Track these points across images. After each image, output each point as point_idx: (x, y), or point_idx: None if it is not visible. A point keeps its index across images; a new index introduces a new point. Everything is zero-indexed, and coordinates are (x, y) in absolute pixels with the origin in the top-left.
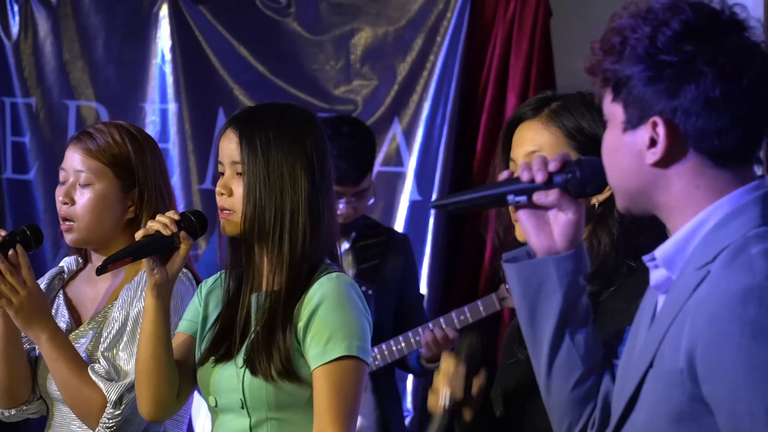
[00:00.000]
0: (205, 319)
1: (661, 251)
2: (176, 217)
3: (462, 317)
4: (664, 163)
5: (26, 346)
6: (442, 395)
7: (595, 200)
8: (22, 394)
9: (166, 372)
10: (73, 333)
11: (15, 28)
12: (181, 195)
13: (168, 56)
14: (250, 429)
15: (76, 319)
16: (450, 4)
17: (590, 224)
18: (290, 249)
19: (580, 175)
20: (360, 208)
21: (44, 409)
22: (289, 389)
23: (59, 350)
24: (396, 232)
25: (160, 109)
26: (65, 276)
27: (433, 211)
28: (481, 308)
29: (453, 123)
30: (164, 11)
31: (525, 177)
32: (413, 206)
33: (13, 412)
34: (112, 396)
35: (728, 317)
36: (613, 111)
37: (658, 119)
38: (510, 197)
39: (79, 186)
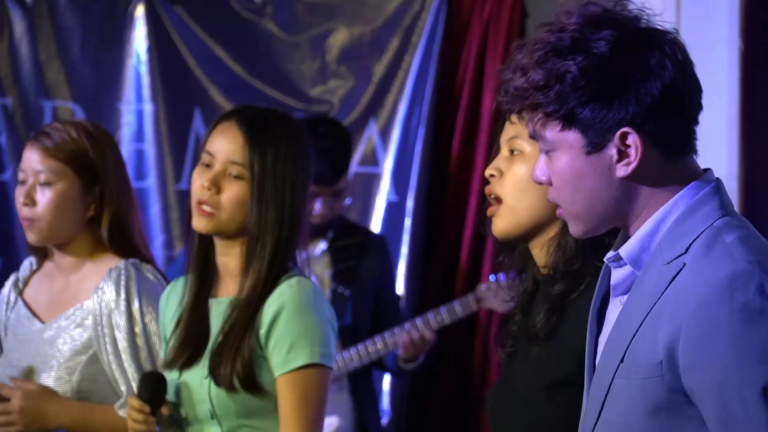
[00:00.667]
0: (164, 330)
1: (626, 250)
2: (147, 409)
3: (439, 318)
4: (633, 172)
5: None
6: None
7: None
8: None
9: None
10: (39, 330)
11: None
12: (157, 196)
13: (144, 57)
14: None
15: (38, 317)
16: (426, 5)
17: (557, 225)
18: (272, 257)
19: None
20: (336, 208)
21: None
22: (255, 399)
23: (86, 422)
24: (372, 233)
25: (136, 110)
26: (20, 284)
27: (409, 212)
28: (457, 309)
29: (429, 123)
30: (140, 11)
31: None
32: (390, 207)
33: None
34: None
35: (716, 305)
36: (565, 138)
37: (630, 131)
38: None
39: (39, 186)
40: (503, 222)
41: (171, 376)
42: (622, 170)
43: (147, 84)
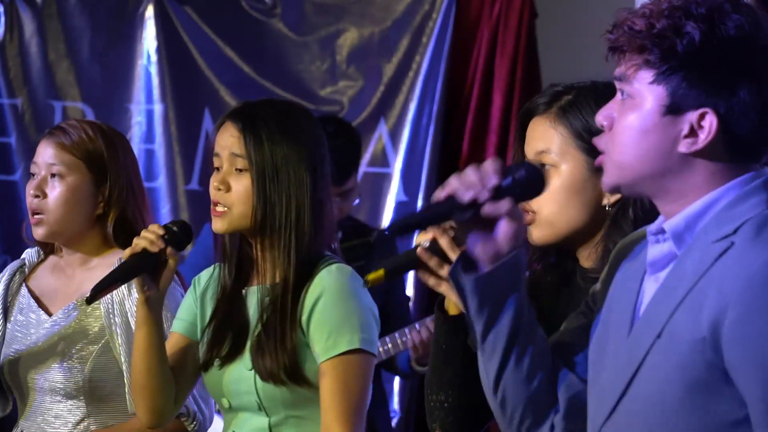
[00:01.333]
0: (203, 316)
1: (670, 225)
2: (160, 231)
3: None
4: (697, 153)
5: None
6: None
7: (606, 201)
8: None
9: (161, 383)
10: (46, 323)
11: (0, 29)
12: (167, 196)
13: (154, 57)
14: (270, 428)
15: (44, 310)
16: (435, 5)
17: (604, 227)
18: (297, 245)
19: (525, 178)
20: (345, 208)
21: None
22: (302, 389)
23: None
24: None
25: (146, 110)
26: (26, 270)
27: None
28: None
29: (439, 123)
30: (150, 12)
31: (467, 197)
32: (399, 207)
33: None
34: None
35: (765, 284)
36: (651, 90)
37: (710, 112)
38: (456, 214)
39: (51, 178)
40: (541, 232)
41: (213, 370)
42: (684, 146)
43: (157, 84)
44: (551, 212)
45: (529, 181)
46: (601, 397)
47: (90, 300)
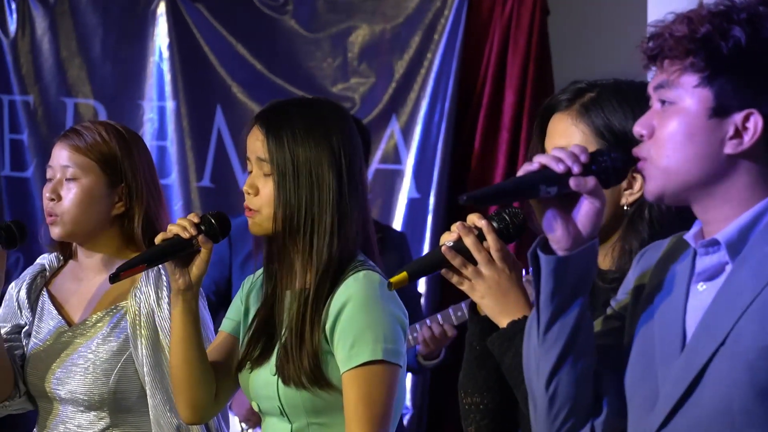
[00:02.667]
0: (246, 317)
1: (724, 235)
2: (196, 219)
3: (459, 313)
4: (741, 154)
5: (7, 344)
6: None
7: (624, 201)
8: (3, 391)
9: (200, 376)
10: (68, 332)
11: (12, 26)
12: (179, 192)
13: (166, 54)
14: None
15: (65, 318)
16: (447, 2)
17: (621, 228)
18: (318, 249)
19: (612, 164)
20: None
21: (29, 407)
22: (324, 395)
23: None
24: (392, 230)
25: (158, 107)
26: (47, 274)
27: (431, 209)
28: None
29: (451, 120)
30: (161, 9)
31: (559, 168)
32: (411, 204)
33: None
34: None
35: None
36: (696, 94)
37: (756, 113)
38: (542, 188)
39: (65, 181)
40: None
41: (245, 372)
42: (730, 147)
43: (169, 81)
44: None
45: (615, 168)
46: (646, 405)
47: (113, 279)
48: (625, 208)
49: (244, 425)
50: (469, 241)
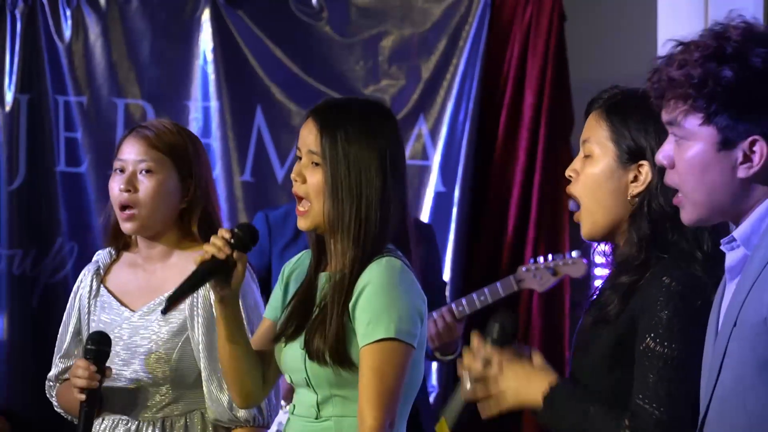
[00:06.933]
0: (284, 298)
1: (739, 232)
2: (227, 235)
3: (482, 297)
4: (754, 175)
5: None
6: (464, 378)
7: (630, 192)
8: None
9: (247, 369)
10: (131, 318)
11: (67, 32)
12: (223, 186)
13: (210, 57)
14: (317, 405)
15: (126, 306)
16: (471, 10)
17: (627, 220)
18: (364, 241)
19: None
20: None
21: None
22: (344, 372)
23: None
24: (420, 222)
25: (203, 107)
26: (101, 271)
27: (456, 202)
28: (500, 289)
29: (474, 119)
30: (206, 15)
31: None
32: (438, 197)
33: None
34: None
35: None
36: (702, 132)
37: (760, 139)
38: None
39: (140, 174)
40: (584, 227)
41: (279, 345)
42: (743, 171)
43: (213, 83)
44: (589, 199)
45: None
46: (703, 393)
47: (165, 311)
48: (628, 197)
49: (283, 402)
50: (474, 376)
